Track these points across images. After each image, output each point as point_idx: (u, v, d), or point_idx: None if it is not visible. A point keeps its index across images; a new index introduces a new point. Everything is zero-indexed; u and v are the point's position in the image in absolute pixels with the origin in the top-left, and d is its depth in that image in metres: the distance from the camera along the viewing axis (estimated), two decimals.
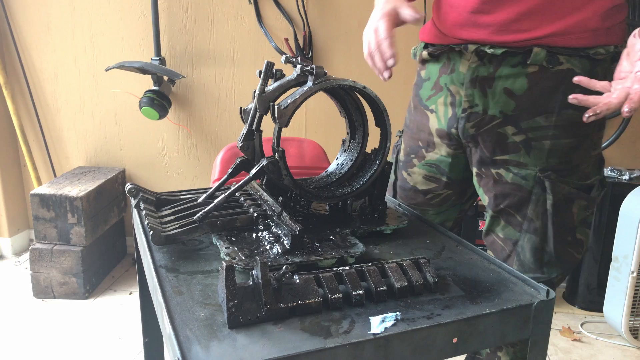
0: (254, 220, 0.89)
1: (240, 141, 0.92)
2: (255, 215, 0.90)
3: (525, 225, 1.04)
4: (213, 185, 0.98)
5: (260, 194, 0.97)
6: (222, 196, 0.88)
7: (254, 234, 0.87)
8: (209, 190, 0.97)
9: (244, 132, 0.92)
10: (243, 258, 0.77)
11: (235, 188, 0.90)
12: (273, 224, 0.88)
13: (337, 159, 1.04)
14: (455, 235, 0.94)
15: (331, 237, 0.86)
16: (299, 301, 0.66)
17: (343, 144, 1.04)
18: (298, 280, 0.69)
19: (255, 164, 0.91)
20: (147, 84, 2.45)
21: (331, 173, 1.02)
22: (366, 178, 0.97)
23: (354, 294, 0.69)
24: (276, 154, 0.89)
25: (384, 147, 0.97)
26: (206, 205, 0.88)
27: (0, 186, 2.63)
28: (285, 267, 0.67)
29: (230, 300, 0.63)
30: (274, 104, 0.87)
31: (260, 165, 0.88)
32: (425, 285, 0.73)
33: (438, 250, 0.89)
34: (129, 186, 0.95)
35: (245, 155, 0.94)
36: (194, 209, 0.91)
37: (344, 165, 1.02)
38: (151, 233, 0.81)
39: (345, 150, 1.03)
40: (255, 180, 0.94)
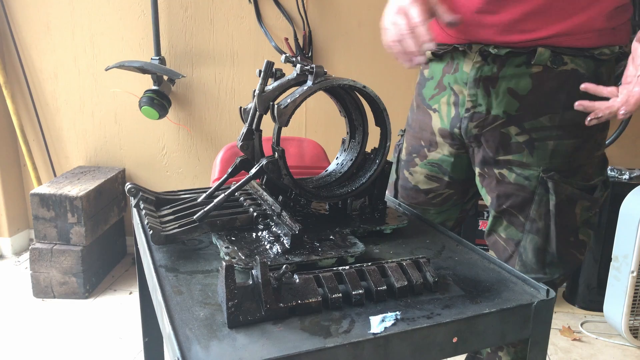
0: (253, 219, 0.89)
1: (240, 141, 0.92)
2: (255, 214, 0.89)
3: (527, 226, 1.03)
4: (213, 185, 0.98)
5: (260, 194, 0.97)
6: (222, 196, 0.88)
7: (254, 234, 0.86)
8: (208, 189, 0.97)
9: (243, 132, 0.92)
10: (243, 258, 0.77)
11: (235, 187, 0.90)
12: (273, 223, 0.88)
13: (337, 159, 1.04)
14: (455, 235, 0.94)
15: (331, 237, 0.86)
16: (299, 301, 0.66)
17: (343, 144, 1.04)
18: (298, 280, 0.69)
19: (255, 163, 0.91)
20: (147, 83, 2.45)
21: (331, 172, 1.02)
22: (366, 177, 0.97)
23: (353, 293, 0.69)
24: (276, 153, 0.89)
25: (383, 147, 0.97)
26: (206, 204, 0.88)
27: (0, 186, 2.63)
28: (285, 267, 0.67)
29: (230, 300, 0.63)
30: (273, 104, 0.87)
31: (260, 165, 0.88)
32: (425, 284, 0.73)
33: (438, 250, 0.89)
34: (128, 186, 0.95)
35: (245, 155, 0.94)
36: (193, 209, 0.91)
37: (343, 164, 1.01)
38: (151, 233, 0.81)
39: (345, 150, 1.03)
40: (255, 180, 0.94)
